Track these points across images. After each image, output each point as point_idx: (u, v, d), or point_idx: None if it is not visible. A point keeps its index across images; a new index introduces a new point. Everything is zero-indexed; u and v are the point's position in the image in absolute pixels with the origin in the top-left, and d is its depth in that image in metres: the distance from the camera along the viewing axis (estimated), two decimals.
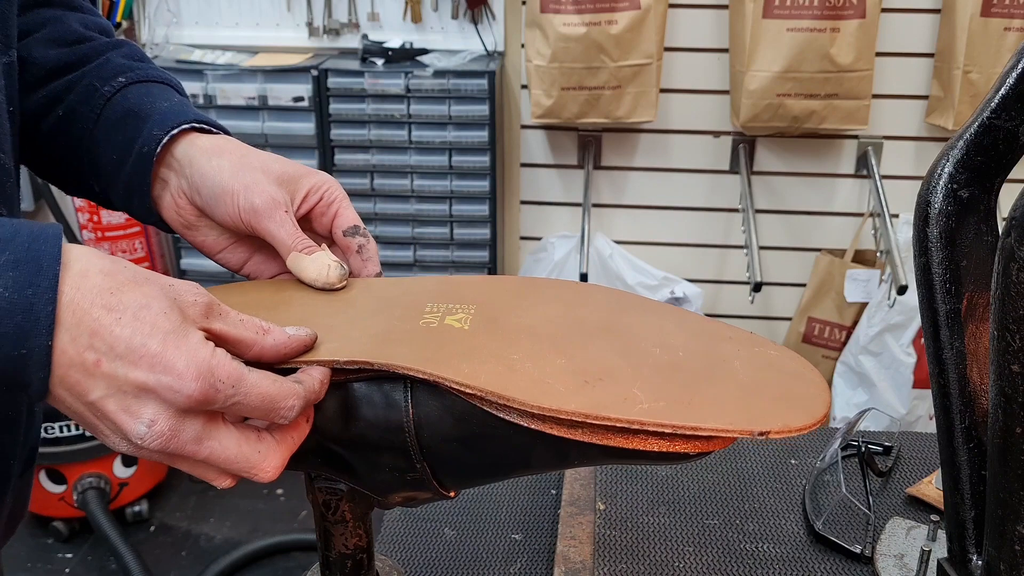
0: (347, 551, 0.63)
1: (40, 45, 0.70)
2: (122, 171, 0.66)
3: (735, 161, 2.44)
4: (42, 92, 0.69)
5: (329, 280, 0.62)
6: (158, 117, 0.66)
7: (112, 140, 0.67)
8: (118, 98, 0.68)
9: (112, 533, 2.20)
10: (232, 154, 0.65)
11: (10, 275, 0.45)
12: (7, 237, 0.46)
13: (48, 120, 0.69)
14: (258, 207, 0.63)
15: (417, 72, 2.30)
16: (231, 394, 0.48)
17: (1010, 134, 0.62)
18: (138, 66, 0.70)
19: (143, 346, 0.46)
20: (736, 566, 0.87)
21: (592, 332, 0.57)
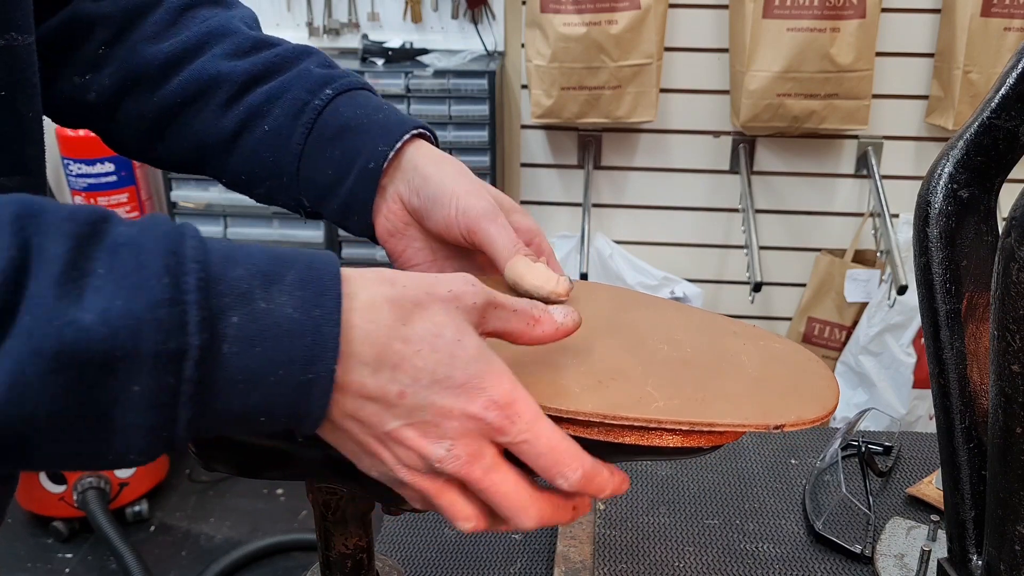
0: (347, 551, 0.63)
1: (223, 60, 0.69)
2: (340, 187, 0.66)
3: (735, 161, 2.44)
4: (239, 107, 0.68)
5: (558, 289, 0.58)
6: (378, 130, 0.65)
7: (328, 156, 0.66)
8: (329, 111, 0.67)
9: (112, 533, 2.20)
10: (456, 164, 0.65)
11: (298, 295, 0.44)
12: (290, 257, 0.45)
13: (250, 136, 0.68)
14: (480, 209, 0.62)
15: (417, 72, 2.30)
16: (524, 429, 0.48)
17: (1010, 134, 0.62)
18: (338, 75, 0.69)
19: (448, 377, 0.46)
20: (736, 566, 0.87)
21: (598, 331, 0.58)
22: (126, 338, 0.39)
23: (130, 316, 0.39)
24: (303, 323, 0.43)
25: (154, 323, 0.40)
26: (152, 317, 0.40)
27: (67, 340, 0.38)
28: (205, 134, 0.69)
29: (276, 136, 0.67)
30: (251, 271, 0.43)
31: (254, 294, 0.43)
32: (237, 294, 0.42)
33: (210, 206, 2.44)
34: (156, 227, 0.42)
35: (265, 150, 0.68)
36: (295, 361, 0.43)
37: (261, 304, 0.42)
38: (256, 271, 0.43)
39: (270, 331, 0.42)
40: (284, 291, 0.43)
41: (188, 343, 0.40)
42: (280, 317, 0.43)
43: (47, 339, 0.38)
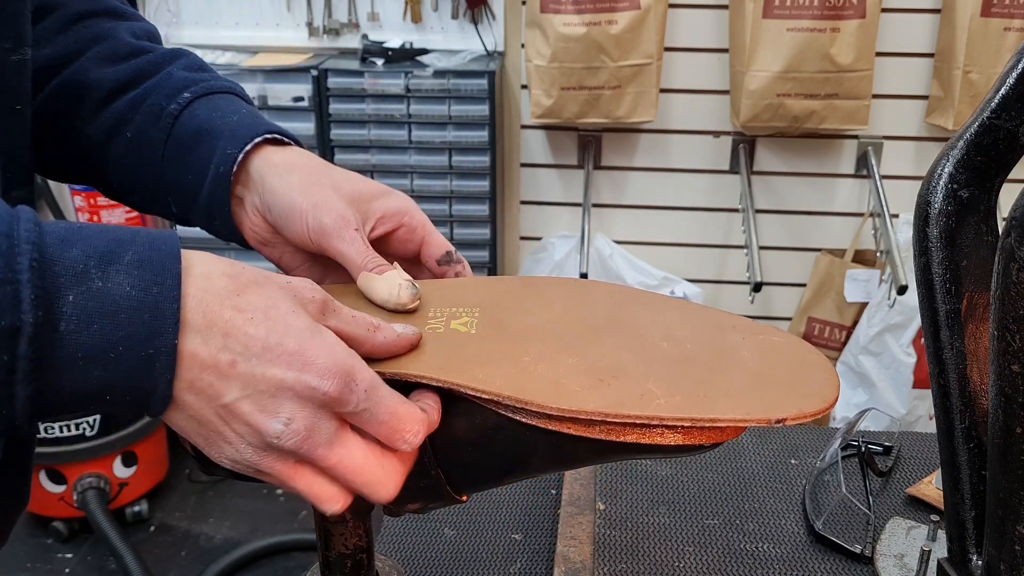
0: (347, 551, 0.63)
1: (95, 65, 0.68)
2: (200, 192, 0.65)
3: (735, 161, 2.44)
4: (105, 114, 0.67)
5: (400, 301, 0.59)
6: (229, 133, 0.64)
7: (186, 161, 0.65)
8: (186, 116, 0.66)
9: (112, 533, 2.20)
10: (303, 170, 0.63)
11: (135, 273, 0.44)
12: (127, 238, 0.45)
13: (116, 144, 0.67)
14: (326, 226, 0.61)
15: (417, 72, 2.30)
16: (363, 399, 0.48)
17: (1010, 134, 0.62)
18: (201, 77, 0.68)
19: (279, 344, 0.46)
20: (736, 566, 0.87)
21: (598, 328, 0.58)
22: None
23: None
24: (141, 300, 0.44)
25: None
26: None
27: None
28: (78, 141, 0.68)
29: (139, 143, 0.66)
30: (87, 252, 0.44)
31: (90, 274, 0.43)
32: (72, 274, 0.43)
33: None
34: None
35: (131, 157, 0.67)
36: (134, 337, 0.44)
37: (97, 283, 0.43)
38: (92, 251, 0.44)
39: (107, 309, 0.43)
40: (121, 270, 0.44)
41: (22, 320, 0.41)
42: (118, 295, 0.43)
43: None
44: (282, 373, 0.46)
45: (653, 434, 0.50)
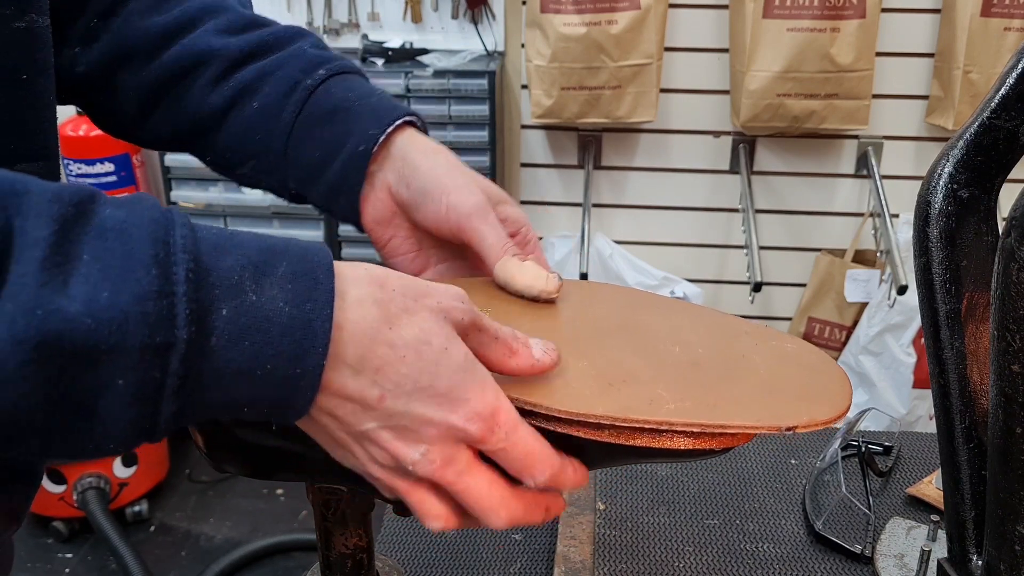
0: (347, 551, 0.63)
1: (216, 35, 0.67)
2: (328, 169, 0.64)
3: (735, 161, 2.44)
4: (230, 82, 0.67)
5: (548, 288, 0.58)
6: (369, 113, 0.64)
7: (316, 136, 0.65)
8: (321, 92, 0.65)
9: (112, 533, 2.20)
10: (448, 155, 0.64)
11: (289, 287, 0.42)
12: (280, 247, 0.44)
13: (239, 113, 0.67)
14: (470, 207, 0.61)
15: (417, 72, 2.30)
16: (502, 439, 0.48)
17: (1010, 134, 0.62)
18: (332, 56, 0.68)
19: (431, 386, 0.46)
20: (736, 566, 0.87)
21: (609, 332, 0.57)
22: (112, 331, 0.38)
23: (116, 308, 0.38)
24: (294, 317, 0.42)
25: (141, 316, 0.38)
26: (139, 310, 0.38)
27: (50, 330, 0.37)
28: (194, 110, 0.68)
29: (265, 113, 0.66)
30: (242, 261, 0.42)
31: (244, 286, 0.41)
32: (227, 286, 0.41)
33: (210, 206, 2.44)
34: (144, 212, 0.41)
35: (254, 127, 0.67)
36: (283, 356, 0.42)
37: (251, 296, 0.41)
38: (247, 262, 0.42)
39: (260, 325, 0.41)
40: (275, 284, 0.42)
41: (176, 337, 0.39)
42: (270, 311, 0.42)
43: (29, 328, 0.36)
44: (429, 412, 0.46)
45: (663, 439, 0.50)
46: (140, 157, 2.46)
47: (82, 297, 0.37)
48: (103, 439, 0.40)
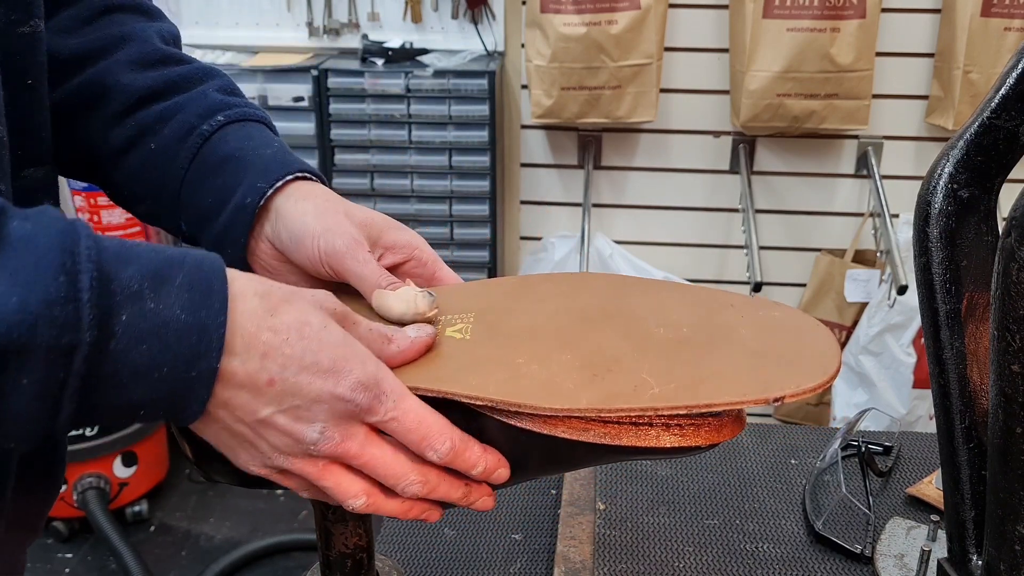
0: (347, 551, 0.63)
1: (125, 68, 0.67)
2: (217, 218, 0.65)
3: (735, 161, 2.44)
4: (130, 121, 0.67)
5: (419, 310, 0.59)
6: (261, 166, 0.64)
7: (208, 184, 0.65)
8: (216, 139, 0.66)
9: (112, 533, 2.20)
10: (317, 198, 0.64)
11: (185, 296, 0.45)
12: (178, 259, 0.46)
13: (136, 153, 0.67)
14: (339, 248, 0.61)
15: (417, 72, 2.30)
16: (391, 408, 0.50)
17: (1010, 134, 0.62)
18: (235, 101, 0.68)
19: (315, 363, 0.48)
20: (736, 566, 0.87)
21: (593, 321, 0.57)
22: (21, 332, 0.40)
23: (26, 311, 0.40)
24: (189, 323, 0.45)
25: (48, 319, 0.40)
26: (47, 314, 0.40)
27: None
28: (94, 144, 0.68)
29: (162, 157, 0.66)
30: (142, 271, 0.44)
31: (144, 294, 0.44)
32: (128, 293, 0.43)
33: None
34: (51, 224, 0.43)
35: (149, 169, 0.67)
36: (179, 358, 0.45)
37: (150, 304, 0.44)
38: (147, 271, 0.45)
39: (158, 330, 0.44)
40: (173, 292, 0.45)
41: (80, 339, 0.41)
42: (168, 317, 0.44)
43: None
44: (316, 386, 0.48)
45: (648, 437, 0.50)
46: None
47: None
48: (2, 435, 0.43)
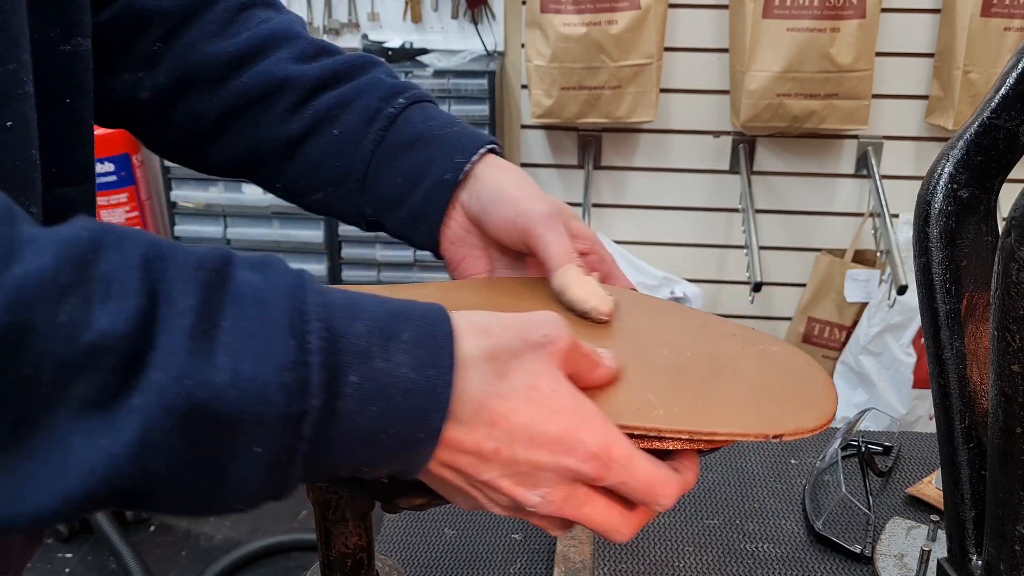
0: (347, 550, 0.63)
1: (289, 63, 0.67)
2: (410, 196, 0.65)
3: (735, 161, 2.44)
4: (307, 111, 0.67)
5: (601, 308, 0.57)
6: (452, 143, 0.65)
7: (398, 165, 0.65)
8: (401, 120, 0.66)
9: (112, 533, 2.20)
10: (515, 172, 0.65)
11: (414, 353, 0.43)
12: (404, 311, 0.44)
13: (316, 140, 0.67)
14: (537, 214, 0.61)
15: (417, 72, 2.30)
16: (619, 473, 0.48)
17: (1010, 134, 0.62)
18: (408, 84, 0.69)
19: (544, 433, 0.46)
20: (736, 566, 0.87)
21: (598, 335, 0.57)
22: (255, 401, 0.38)
23: (259, 379, 0.39)
24: (418, 383, 0.42)
25: (280, 387, 0.39)
26: (279, 380, 0.39)
27: (198, 400, 0.37)
28: (265, 138, 0.68)
29: (345, 142, 0.66)
30: (369, 327, 0.42)
31: (372, 352, 0.42)
32: (356, 352, 0.41)
33: (209, 206, 2.44)
34: (278, 278, 0.41)
35: (331, 155, 0.67)
36: (407, 420, 0.42)
37: (379, 363, 0.42)
38: (374, 327, 0.42)
39: (386, 391, 0.42)
40: (401, 349, 0.42)
41: (309, 405, 0.40)
42: (396, 376, 0.42)
43: (179, 398, 0.37)
44: (546, 458, 0.46)
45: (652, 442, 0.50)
46: (140, 157, 2.46)
47: (227, 367, 0.38)
48: (232, 500, 0.41)
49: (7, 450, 0.36)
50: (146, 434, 0.37)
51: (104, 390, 0.36)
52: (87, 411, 0.36)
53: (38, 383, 0.35)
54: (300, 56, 0.68)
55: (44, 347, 0.35)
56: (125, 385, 0.37)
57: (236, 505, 0.42)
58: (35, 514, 0.37)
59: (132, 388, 0.37)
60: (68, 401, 0.36)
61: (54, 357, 0.35)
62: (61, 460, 0.36)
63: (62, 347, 0.35)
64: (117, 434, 0.37)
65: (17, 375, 0.35)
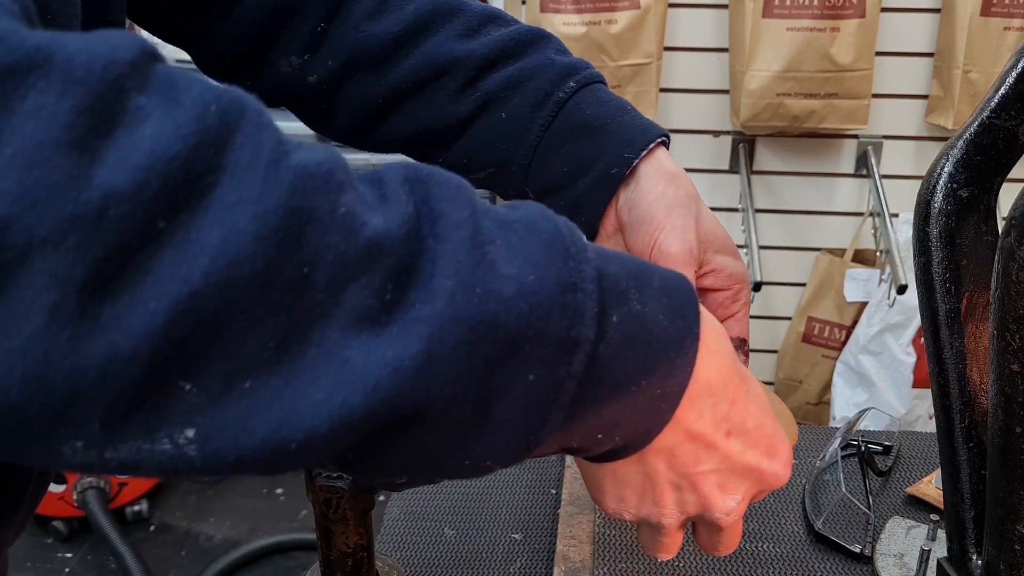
0: (348, 549, 0.64)
1: (455, 41, 0.65)
2: (574, 186, 0.63)
3: (735, 161, 2.44)
4: (475, 92, 0.65)
5: None
6: (621, 134, 0.63)
7: (564, 152, 0.64)
8: (571, 105, 0.64)
9: (112, 533, 2.20)
10: (678, 189, 0.62)
11: (665, 301, 0.39)
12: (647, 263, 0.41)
13: (484, 122, 0.65)
14: (671, 252, 0.59)
15: None
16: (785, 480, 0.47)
17: (1010, 134, 0.62)
18: (579, 64, 0.66)
19: (763, 425, 0.44)
20: (736, 566, 0.87)
21: None
22: (539, 316, 0.35)
23: (542, 294, 0.35)
24: (669, 332, 0.39)
25: (561, 307, 0.35)
26: (560, 300, 0.35)
27: (488, 311, 0.34)
28: (433, 119, 0.66)
29: (513, 124, 0.65)
30: (623, 271, 0.39)
31: (630, 294, 0.38)
32: (617, 292, 0.38)
33: None
34: (537, 210, 0.38)
35: (498, 138, 0.65)
36: (655, 372, 0.39)
37: (636, 306, 0.38)
38: (627, 271, 0.39)
39: (642, 337, 0.38)
40: (653, 296, 0.39)
41: (584, 335, 0.36)
42: (652, 324, 0.39)
43: (470, 307, 0.33)
44: (757, 460, 0.45)
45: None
46: None
47: (514, 278, 0.35)
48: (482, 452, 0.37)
49: (274, 369, 0.31)
50: (435, 346, 0.33)
51: (380, 297, 0.33)
52: (362, 323, 0.32)
53: (311, 287, 0.31)
54: (466, 31, 0.66)
55: (323, 239, 0.31)
56: (403, 294, 0.33)
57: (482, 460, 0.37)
58: (304, 440, 0.32)
59: (412, 297, 0.33)
60: (342, 311, 0.32)
61: (332, 252, 0.31)
62: (337, 377, 0.32)
63: (341, 240, 0.32)
64: (403, 344, 0.33)
65: (291, 276, 0.31)
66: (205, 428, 0.30)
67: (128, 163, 0.28)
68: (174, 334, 0.29)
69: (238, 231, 0.29)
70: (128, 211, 0.27)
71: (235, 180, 0.30)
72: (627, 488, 0.45)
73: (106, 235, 0.27)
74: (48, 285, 0.27)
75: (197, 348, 0.29)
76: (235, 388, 0.30)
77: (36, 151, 0.27)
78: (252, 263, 0.29)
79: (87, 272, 0.27)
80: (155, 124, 0.28)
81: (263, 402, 0.31)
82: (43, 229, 0.26)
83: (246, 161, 0.30)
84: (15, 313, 0.27)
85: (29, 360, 0.27)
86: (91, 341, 0.28)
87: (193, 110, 0.29)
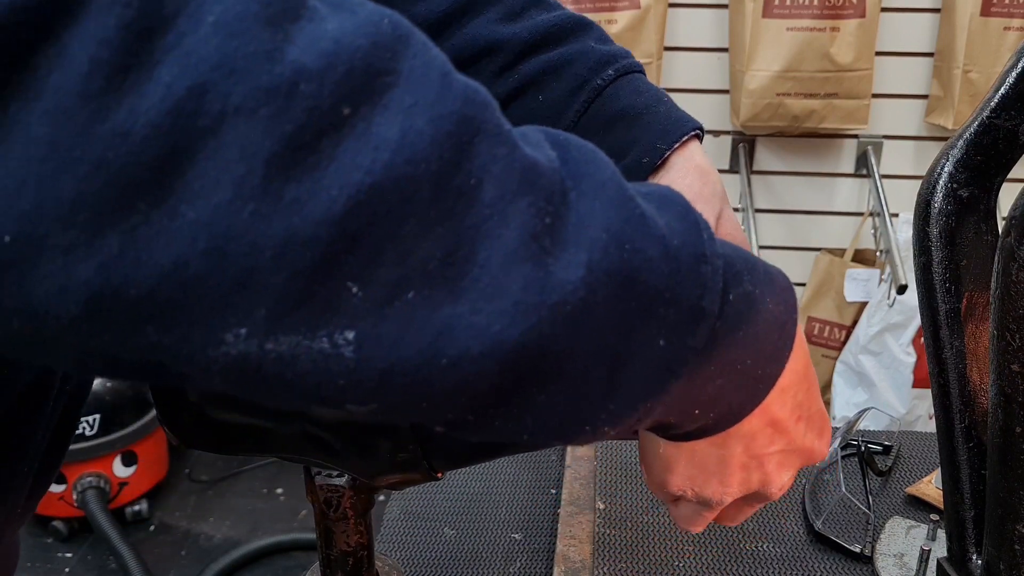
0: (348, 549, 0.64)
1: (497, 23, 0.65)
2: None
3: (735, 160, 2.44)
4: (514, 75, 0.65)
5: None
6: (655, 125, 0.63)
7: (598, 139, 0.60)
8: (608, 93, 0.64)
9: (112, 533, 2.20)
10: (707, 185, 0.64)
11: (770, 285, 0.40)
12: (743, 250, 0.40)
13: (520, 105, 0.65)
14: None
15: None
16: None
17: (1010, 133, 0.62)
18: (618, 52, 0.66)
19: (822, 409, 0.46)
20: (736, 566, 0.87)
21: None
22: (676, 281, 0.35)
23: (681, 258, 0.35)
24: (776, 316, 0.39)
25: (697, 276, 0.35)
26: (695, 268, 0.35)
27: (636, 268, 0.33)
28: None
29: (549, 109, 0.65)
30: (736, 252, 0.39)
31: (743, 275, 0.38)
32: (734, 271, 0.38)
33: None
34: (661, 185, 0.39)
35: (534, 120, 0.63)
36: (760, 355, 0.39)
37: (748, 287, 0.38)
38: (739, 254, 0.39)
39: (752, 316, 0.38)
40: (760, 279, 0.39)
41: (710, 307, 0.36)
42: (761, 304, 0.39)
43: (621, 262, 0.33)
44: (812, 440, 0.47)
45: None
46: None
47: (660, 241, 0.34)
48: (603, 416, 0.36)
49: (438, 284, 0.31)
50: (591, 294, 0.32)
51: (541, 219, 0.32)
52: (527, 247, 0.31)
53: (479, 200, 0.31)
54: (508, 14, 0.66)
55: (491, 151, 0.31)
56: (559, 230, 0.32)
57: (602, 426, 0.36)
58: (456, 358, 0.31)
59: (568, 237, 0.32)
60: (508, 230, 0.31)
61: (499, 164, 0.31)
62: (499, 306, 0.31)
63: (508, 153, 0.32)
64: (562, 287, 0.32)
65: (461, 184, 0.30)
66: (364, 333, 0.30)
67: (316, 47, 0.28)
68: (351, 226, 0.28)
69: (416, 130, 0.29)
70: (316, 89, 0.28)
71: (411, 84, 0.30)
72: (700, 468, 0.46)
73: (295, 111, 0.27)
74: (238, 157, 0.27)
75: (370, 247, 0.29)
76: (399, 298, 0.30)
77: (236, 22, 0.27)
78: (427, 164, 0.29)
79: (275, 146, 0.27)
80: (336, 22, 0.29)
81: (423, 316, 0.31)
82: (238, 97, 0.27)
83: (421, 70, 0.31)
84: (205, 184, 0.27)
85: (213, 233, 0.27)
86: (271, 219, 0.27)
87: (369, 18, 0.30)
